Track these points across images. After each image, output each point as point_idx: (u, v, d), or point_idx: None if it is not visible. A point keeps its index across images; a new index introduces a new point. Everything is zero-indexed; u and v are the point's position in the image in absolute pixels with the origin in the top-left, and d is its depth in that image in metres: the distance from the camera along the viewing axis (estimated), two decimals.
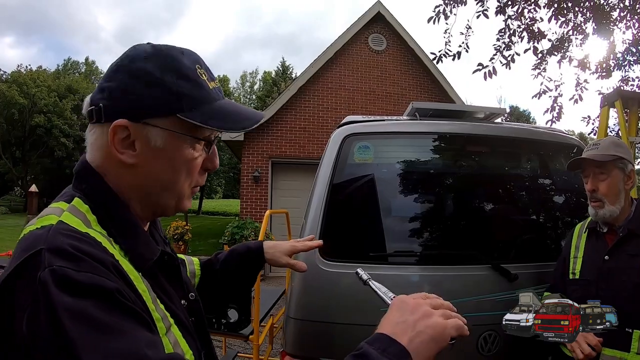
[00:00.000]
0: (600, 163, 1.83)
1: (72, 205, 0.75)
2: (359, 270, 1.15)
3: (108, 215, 0.77)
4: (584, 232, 1.97)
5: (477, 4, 5.04)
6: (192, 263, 1.27)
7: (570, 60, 5.35)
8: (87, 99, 0.82)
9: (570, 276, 1.93)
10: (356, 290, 2.03)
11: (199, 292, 1.22)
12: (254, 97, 35.64)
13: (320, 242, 1.41)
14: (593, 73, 5.48)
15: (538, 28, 5.17)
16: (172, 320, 0.78)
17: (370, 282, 1.05)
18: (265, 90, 32.01)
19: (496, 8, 5.12)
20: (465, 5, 4.95)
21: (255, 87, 36.82)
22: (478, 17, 5.02)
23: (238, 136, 10.87)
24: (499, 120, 2.74)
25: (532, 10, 5.13)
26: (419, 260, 2.19)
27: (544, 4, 5.02)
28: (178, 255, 1.28)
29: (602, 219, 1.85)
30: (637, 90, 5.49)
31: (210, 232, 17.75)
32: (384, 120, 2.44)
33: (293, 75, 30.87)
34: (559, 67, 5.43)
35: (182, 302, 0.88)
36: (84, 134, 0.83)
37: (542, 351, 1.78)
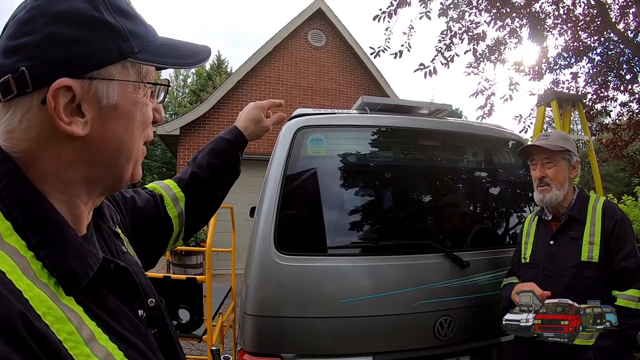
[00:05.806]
0: (550, 153, 1.99)
1: None
2: None
3: (25, 219, 0.57)
4: (533, 221, 2.13)
5: (420, 5, 5.23)
6: (169, 188, 1.13)
7: (504, 62, 5.73)
8: None
9: (522, 260, 2.09)
10: (314, 284, 2.01)
11: (187, 214, 1.13)
12: (187, 90, 34.23)
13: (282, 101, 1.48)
14: (526, 75, 5.92)
15: (483, 31, 5.49)
16: (120, 355, 0.61)
17: None
18: (200, 84, 30.85)
19: (439, 10, 5.36)
20: (409, 6, 5.11)
21: (189, 80, 35.44)
22: (421, 18, 5.23)
23: (174, 130, 10.44)
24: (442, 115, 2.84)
25: (474, 14, 5.41)
26: (376, 250, 2.20)
27: (484, 8, 5.30)
28: (149, 185, 1.14)
29: (548, 203, 1.99)
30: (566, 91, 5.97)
31: None
32: (335, 113, 2.44)
33: (228, 70, 30.06)
34: (494, 68, 5.84)
35: (140, 312, 0.72)
36: None
37: (495, 334, 1.87)
